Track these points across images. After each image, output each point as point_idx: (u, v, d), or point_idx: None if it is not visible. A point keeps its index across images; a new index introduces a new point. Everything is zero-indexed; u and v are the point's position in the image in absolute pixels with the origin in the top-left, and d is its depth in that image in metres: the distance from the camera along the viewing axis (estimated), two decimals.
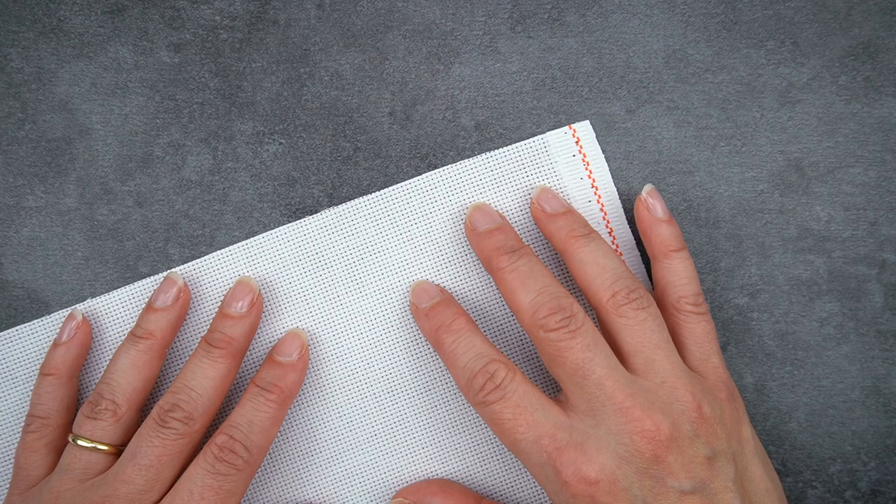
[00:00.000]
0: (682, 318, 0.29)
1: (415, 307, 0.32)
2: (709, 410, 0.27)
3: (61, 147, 0.34)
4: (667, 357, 0.27)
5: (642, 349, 0.27)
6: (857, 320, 0.33)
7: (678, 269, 0.30)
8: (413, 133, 0.34)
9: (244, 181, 0.34)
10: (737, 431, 0.27)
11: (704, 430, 0.26)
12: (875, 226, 0.33)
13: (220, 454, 0.29)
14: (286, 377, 0.31)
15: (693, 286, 0.30)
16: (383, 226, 0.33)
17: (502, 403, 0.27)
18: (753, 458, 0.27)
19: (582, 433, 0.27)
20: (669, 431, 0.26)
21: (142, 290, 0.33)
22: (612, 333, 0.28)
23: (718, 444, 0.26)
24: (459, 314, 0.30)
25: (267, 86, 0.34)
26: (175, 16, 0.34)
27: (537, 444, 0.27)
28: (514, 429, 0.27)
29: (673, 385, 0.27)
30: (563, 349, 0.27)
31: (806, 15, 0.33)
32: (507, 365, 0.28)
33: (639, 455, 0.26)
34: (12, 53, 0.34)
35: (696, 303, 0.29)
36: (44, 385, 0.32)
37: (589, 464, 0.26)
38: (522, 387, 0.27)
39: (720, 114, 0.33)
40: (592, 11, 0.34)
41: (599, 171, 0.33)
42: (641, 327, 0.27)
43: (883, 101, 0.33)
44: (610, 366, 0.27)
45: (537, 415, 0.27)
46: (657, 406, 0.26)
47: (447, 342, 0.29)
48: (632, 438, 0.26)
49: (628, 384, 0.27)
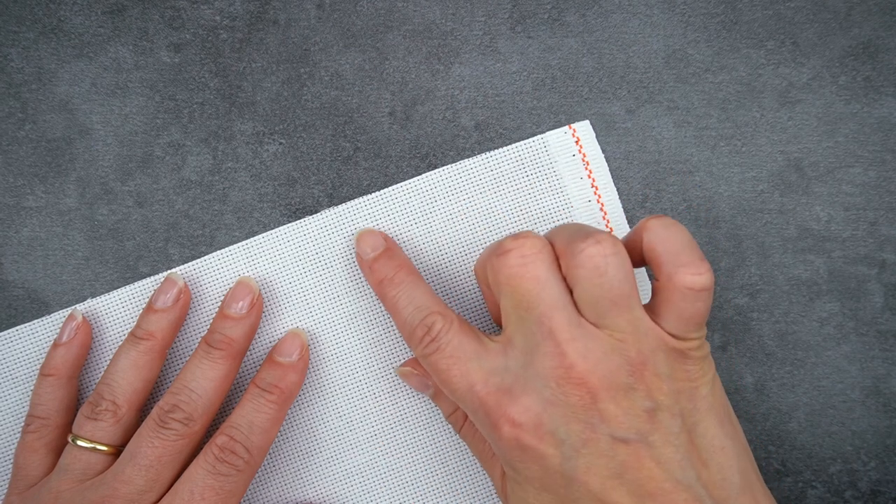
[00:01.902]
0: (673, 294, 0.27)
1: (359, 257, 0.32)
2: (653, 365, 0.26)
3: (61, 147, 0.34)
4: (622, 313, 0.26)
5: (598, 302, 0.26)
6: (857, 320, 0.33)
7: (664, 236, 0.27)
8: (413, 133, 0.34)
9: (244, 181, 0.34)
10: (689, 389, 0.26)
11: (644, 384, 0.25)
12: (875, 226, 0.33)
13: (221, 455, 0.29)
14: (286, 377, 0.31)
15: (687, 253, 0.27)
16: (383, 226, 0.33)
17: (438, 354, 0.27)
18: (708, 415, 0.26)
19: (513, 374, 0.26)
20: (600, 380, 0.25)
21: (142, 291, 0.33)
22: (571, 287, 0.27)
23: (662, 399, 0.26)
24: (401, 266, 0.30)
25: (267, 86, 0.34)
26: (175, 16, 0.34)
27: (471, 391, 0.27)
28: (450, 378, 0.27)
29: (621, 338, 0.26)
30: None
31: (806, 15, 0.33)
32: (445, 315, 0.28)
33: (565, 399, 0.25)
34: (12, 53, 0.34)
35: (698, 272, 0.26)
36: (44, 385, 0.32)
37: (514, 405, 0.26)
38: (458, 337, 0.27)
39: (720, 114, 0.33)
40: (592, 11, 0.34)
41: (599, 171, 0.33)
42: (599, 280, 0.26)
43: (883, 101, 0.33)
44: (558, 304, 0.26)
45: (471, 363, 0.27)
46: (595, 353, 0.25)
47: (389, 295, 0.30)
48: (558, 382, 0.25)
49: (573, 325, 0.26)
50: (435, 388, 0.32)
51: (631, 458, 0.25)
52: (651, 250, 0.27)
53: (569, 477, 0.25)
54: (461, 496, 0.33)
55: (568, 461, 0.25)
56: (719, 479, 0.26)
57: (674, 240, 0.26)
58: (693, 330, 0.26)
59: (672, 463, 0.25)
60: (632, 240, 0.28)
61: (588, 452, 0.25)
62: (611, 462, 0.25)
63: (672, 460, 0.25)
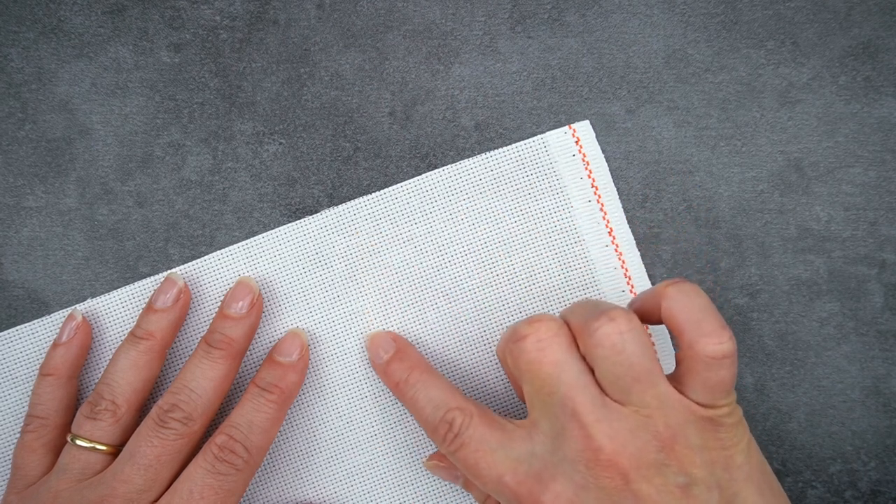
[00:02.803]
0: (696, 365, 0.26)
1: (372, 361, 0.32)
2: (684, 438, 0.25)
3: (61, 147, 0.34)
4: (646, 388, 0.26)
5: (620, 380, 0.26)
6: (857, 320, 0.33)
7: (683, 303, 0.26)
8: (413, 133, 0.34)
9: (244, 181, 0.34)
10: (724, 458, 0.26)
11: (676, 459, 0.25)
12: (875, 226, 0.33)
13: (220, 454, 0.29)
14: (286, 377, 0.31)
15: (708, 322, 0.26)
16: (383, 226, 0.33)
17: (464, 450, 0.27)
18: (746, 484, 0.26)
19: (541, 460, 0.26)
20: (630, 460, 0.25)
21: (142, 290, 0.33)
22: (591, 366, 0.27)
23: (696, 472, 0.25)
24: (414, 366, 0.30)
25: (267, 86, 0.34)
26: (175, 16, 0.34)
27: (500, 481, 0.26)
28: (479, 471, 0.27)
29: (647, 414, 0.25)
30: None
31: (806, 15, 0.33)
32: (464, 409, 0.28)
33: (596, 482, 0.25)
34: (12, 53, 0.34)
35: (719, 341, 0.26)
36: (43, 385, 0.32)
37: (546, 493, 0.25)
38: (480, 429, 0.27)
39: (720, 114, 0.33)
40: (592, 11, 0.34)
41: (599, 171, 0.33)
42: (618, 358, 0.26)
43: (883, 101, 0.33)
44: (579, 385, 0.26)
45: (497, 454, 0.27)
46: (622, 432, 0.25)
47: (408, 396, 0.30)
48: (587, 465, 0.25)
49: (597, 406, 0.26)
50: (464, 478, 0.31)
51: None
52: (671, 318, 0.26)
53: None
54: (461, 496, 0.33)
55: None
56: None
57: (693, 307, 0.26)
58: (721, 397, 0.26)
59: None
60: (649, 304, 0.27)
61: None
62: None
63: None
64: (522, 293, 0.33)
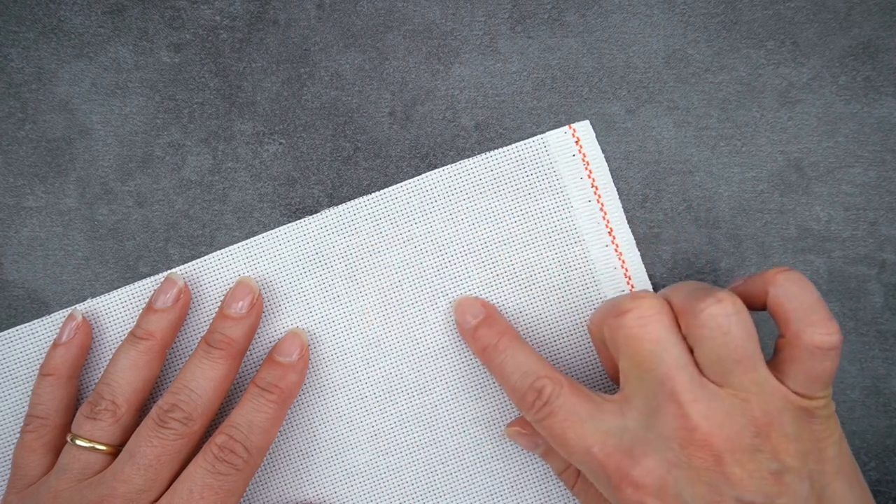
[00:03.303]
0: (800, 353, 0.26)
1: (459, 325, 0.32)
2: (779, 426, 0.25)
3: (61, 147, 0.34)
4: (746, 372, 0.26)
5: (721, 362, 0.26)
6: (857, 320, 0.33)
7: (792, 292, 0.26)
8: (413, 133, 0.34)
9: (244, 181, 0.34)
10: (817, 450, 0.26)
11: (770, 445, 0.25)
12: (875, 226, 0.33)
13: (220, 454, 0.29)
14: (286, 377, 0.31)
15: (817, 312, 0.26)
16: (383, 226, 0.33)
17: (552, 418, 0.27)
18: (837, 477, 0.26)
19: (633, 435, 0.26)
20: (725, 442, 0.25)
21: (142, 290, 0.33)
22: (691, 346, 0.27)
23: (789, 461, 0.25)
24: (503, 332, 0.30)
25: (267, 86, 0.34)
26: (175, 16, 0.34)
27: (588, 453, 0.26)
28: (566, 441, 0.27)
29: (745, 398, 0.25)
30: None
31: (806, 15, 0.33)
32: (553, 379, 0.28)
33: (689, 461, 0.25)
34: (12, 53, 0.34)
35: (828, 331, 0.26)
36: (43, 385, 0.32)
37: (636, 467, 0.25)
38: (570, 399, 0.27)
39: (720, 114, 0.33)
40: (592, 11, 0.34)
41: (599, 171, 0.33)
42: (723, 339, 0.26)
43: (883, 101, 0.33)
44: (679, 364, 0.26)
45: (587, 425, 0.27)
46: (719, 413, 0.25)
47: (496, 362, 0.30)
48: (681, 444, 0.25)
49: (695, 386, 0.26)
50: (545, 446, 0.31)
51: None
52: (778, 306, 0.26)
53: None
54: (461, 496, 0.33)
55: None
56: None
57: (803, 297, 0.26)
58: (820, 389, 0.26)
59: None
60: (755, 289, 0.27)
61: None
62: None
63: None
64: (522, 293, 0.33)
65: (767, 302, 0.27)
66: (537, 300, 0.33)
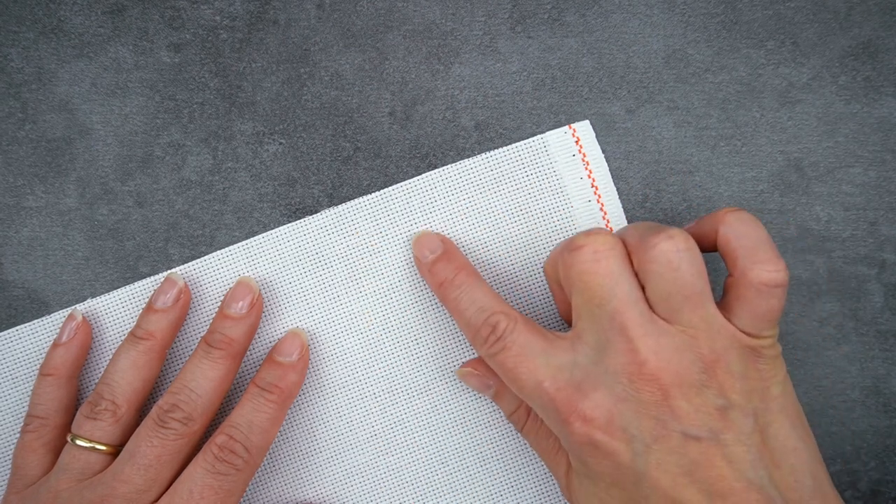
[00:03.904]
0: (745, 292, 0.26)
1: (417, 260, 0.32)
2: (726, 363, 0.25)
3: (61, 147, 0.34)
4: (694, 309, 0.26)
5: (671, 298, 0.26)
6: (857, 320, 0.33)
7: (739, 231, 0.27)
8: (413, 133, 0.34)
9: (244, 181, 0.34)
10: (761, 388, 0.26)
11: (717, 381, 0.25)
12: (875, 226, 0.33)
13: (220, 454, 0.29)
14: (286, 377, 0.31)
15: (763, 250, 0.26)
16: (383, 226, 0.33)
17: (504, 353, 0.27)
18: (780, 415, 0.26)
19: (583, 370, 0.26)
20: (672, 377, 0.25)
21: (142, 290, 0.33)
22: (643, 283, 0.27)
23: (735, 397, 0.25)
24: (461, 267, 0.30)
25: (267, 86, 0.34)
26: (175, 16, 0.34)
27: (539, 387, 0.27)
28: (518, 376, 0.27)
29: (693, 335, 0.26)
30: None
31: (806, 15, 0.33)
32: (508, 315, 0.28)
33: (637, 395, 0.25)
34: (12, 53, 0.34)
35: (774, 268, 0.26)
36: (43, 385, 0.32)
37: (585, 401, 0.26)
38: (524, 335, 0.28)
39: (720, 114, 0.33)
40: (592, 11, 0.34)
41: (599, 171, 0.33)
42: (673, 275, 0.26)
43: (883, 101, 0.33)
44: (630, 299, 0.26)
45: (539, 360, 0.27)
46: (667, 349, 0.25)
47: (451, 297, 0.30)
48: (630, 378, 0.25)
49: (645, 321, 0.26)
50: (496, 387, 0.32)
51: (702, 456, 0.25)
52: (727, 244, 0.27)
53: (639, 473, 0.25)
54: (461, 496, 0.33)
55: (638, 457, 0.25)
56: (792, 481, 0.25)
57: (751, 235, 0.26)
58: (767, 328, 0.26)
59: (744, 462, 0.25)
60: (705, 229, 0.27)
61: (659, 449, 0.25)
62: (681, 459, 0.25)
63: (744, 460, 0.25)
64: (522, 293, 0.33)
65: (717, 241, 0.27)
66: (537, 300, 0.33)
